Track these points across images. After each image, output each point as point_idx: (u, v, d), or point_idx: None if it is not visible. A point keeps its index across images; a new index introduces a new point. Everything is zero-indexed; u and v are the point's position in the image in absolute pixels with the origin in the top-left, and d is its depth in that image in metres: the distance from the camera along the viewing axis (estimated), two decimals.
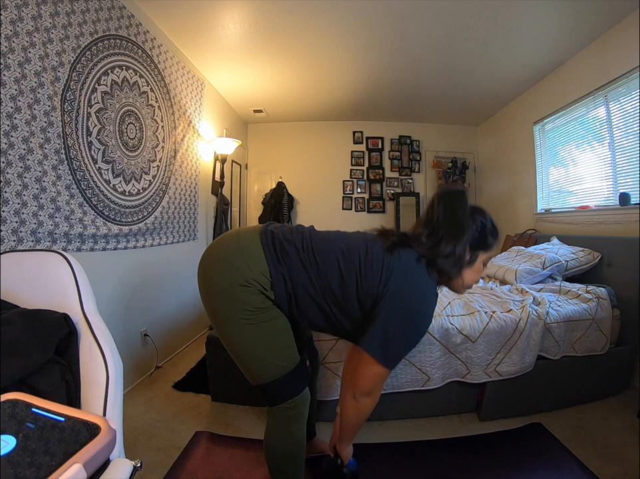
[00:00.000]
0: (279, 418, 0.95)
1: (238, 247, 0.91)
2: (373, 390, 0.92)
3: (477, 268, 0.96)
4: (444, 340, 1.56)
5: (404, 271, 0.89)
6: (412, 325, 0.89)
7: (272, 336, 0.91)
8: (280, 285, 0.89)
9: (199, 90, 2.90)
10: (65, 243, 1.52)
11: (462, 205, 0.92)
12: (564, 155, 2.82)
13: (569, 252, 2.21)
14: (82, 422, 0.47)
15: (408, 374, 1.56)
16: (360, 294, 0.89)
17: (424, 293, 0.89)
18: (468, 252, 0.93)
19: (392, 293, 0.86)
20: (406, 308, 0.87)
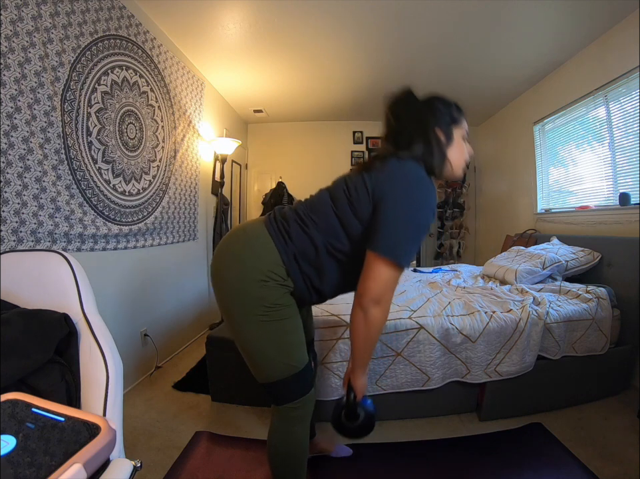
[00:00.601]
0: (283, 418, 0.95)
1: (247, 241, 0.90)
2: (382, 295, 0.84)
3: (458, 145, 0.95)
4: (444, 340, 1.56)
5: (391, 168, 0.87)
6: (414, 212, 0.83)
7: (285, 335, 0.90)
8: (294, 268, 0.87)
9: (199, 90, 2.90)
10: (65, 243, 1.52)
11: (410, 100, 0.94)
12: (564, 155, 2.82)
13: (569, 252, 2.21)
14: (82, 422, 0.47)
15: (408, 374, 1.56)
16: (357, 215, 0.87)
17: (419, 177, 0.86)
18: (441, 133, 0.92)
19: (387, 190, 0.84)
20: (404, 194, 0.83)
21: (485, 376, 1.59)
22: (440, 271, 2.95)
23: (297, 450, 0.97)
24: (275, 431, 0.98)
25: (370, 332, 0.87)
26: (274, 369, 0.90)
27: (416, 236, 0.85)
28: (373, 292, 0.83)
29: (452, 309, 1.70)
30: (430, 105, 0.94)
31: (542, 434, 1.54)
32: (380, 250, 0.81)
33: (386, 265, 0.81)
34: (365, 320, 0.85)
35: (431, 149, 0.90)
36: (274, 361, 0.89)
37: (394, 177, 0.85)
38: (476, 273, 2.76)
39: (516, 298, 1.86)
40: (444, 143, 0.92)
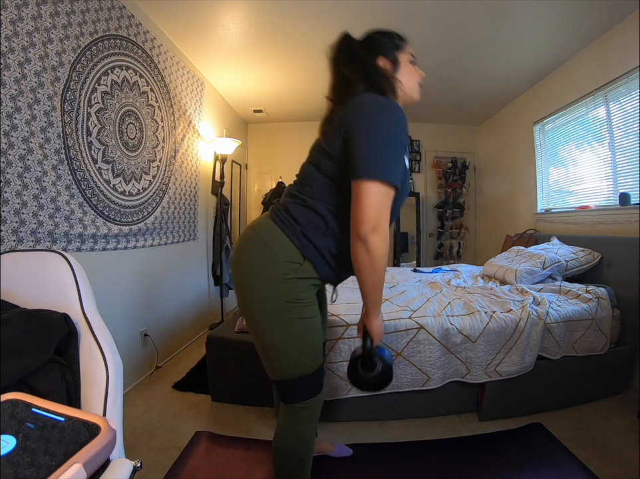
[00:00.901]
0: (292, 417, 0.94)
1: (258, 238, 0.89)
2: (378, 219, 0.79)
3: (406, 68, 0.96)
4: (444, 340, 1.56)
5: (351, 102, 0.87)
6: (384, 129, 0.82)
7: (305, 334, 0.89)
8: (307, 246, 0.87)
9: (199, 90, 2.90)
10: (65, 243, 1.52)
11: (350, 42, 0.95)
12: (564, 155, 2.82)
13: (569, 252, 2.21)
14: (82, 422, 0.47)
15: (408, 374, 1.56)
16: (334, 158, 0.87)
17: (379, 99, 0.86)
18: (386, 61, 0.94)
19: (352, 119, 0.83)
20: (370, 116, 0.82)
21: (485, 376, 1.60)
22: (440, 271, 2.95)
23: (302, 450, 0.96)
24: (282, 430, 0.97)
25: (375, 264, 0.82)
26: (289, 367, 0.89)
27: (393, 151, 0.82)
28: (367, 218, 0.78)
29: (452, 309, 1.70)
30: (370, 39, 0.97)
31: (542, 434, 1.54)
32: (362, 174, 0.79)
33: (372, 186, 0.78)
34: (367, 251, 0.80)
35: (378, 80, 0.91)
36: (290, 359, 0.88)
37: (356, 108, 0.85)
38: (476, 273, 2.76)
39: (516, 298, 1.86)
40: (390, 70, 0.94)
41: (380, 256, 0.82)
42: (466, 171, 4.28)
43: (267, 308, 0.86)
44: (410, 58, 0.97)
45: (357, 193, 0.80)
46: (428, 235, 4.37)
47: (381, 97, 0.87)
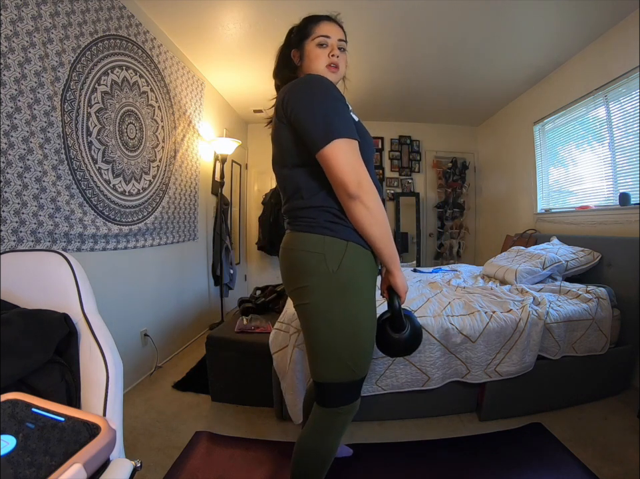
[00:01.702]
0: (325, 420, 0.93)
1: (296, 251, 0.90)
2: (357, 175, 0.79)
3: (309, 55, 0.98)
4: (444, 340, 1.56)
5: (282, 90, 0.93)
6: (315, 94, 0.84)
7: (361, 340, 0.88)
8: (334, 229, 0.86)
9: (199, 90, 2.90)
10: (65, 243, 1.52)
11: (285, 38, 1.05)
12: (564, 155, 2.82)
13: (569, 252, 2.21)
14: (82, 422, 0.47)
15: (408, 374, 1.56)
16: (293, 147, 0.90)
17: (298, 79, 0.91)
18: (295, 53, 1.01)
19: (286, 102, 0.87)
20: (298, 91, 0.86)
21: (485, 376, 1.60)
22: (440, 271, 2.95)
23: (327, 454, 0.95)
24: (312, 430, 0.95)
25: (376, 214, 0.82)
26: (337, 371, 0.88)
27: (332, 110, 0.82)
28: (346, 177, 0.78)
29: (452, 309, 1.70)
30: (288, 33, 1.05)
31: (542, 434, 1.54)
32: (319, 142, 0.79)
33: (332, 148, 0.78)
34: (363, 205, 0.80)
35: (291, 72, 1.00)
36: (340, 363, 0.88)
37: (285, 92, 0.90)
38: (476, 273, 2.76)
39: (516, 298, 1.86)
40: (297, 61, 1.00)
41: (376, 205, 0.82)
42: (466, 171, 4.28)
43: (325, 305, 0.86)
44: (319, 40, 0.97)
45: (325, 163, 0.80)
46: (428, 235, 4.37)
47: (306, 75, 0.93)
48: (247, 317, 1.99)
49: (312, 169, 0.86)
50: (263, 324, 1.91)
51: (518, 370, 1.59)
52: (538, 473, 1.32)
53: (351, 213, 0.82)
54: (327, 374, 0.89)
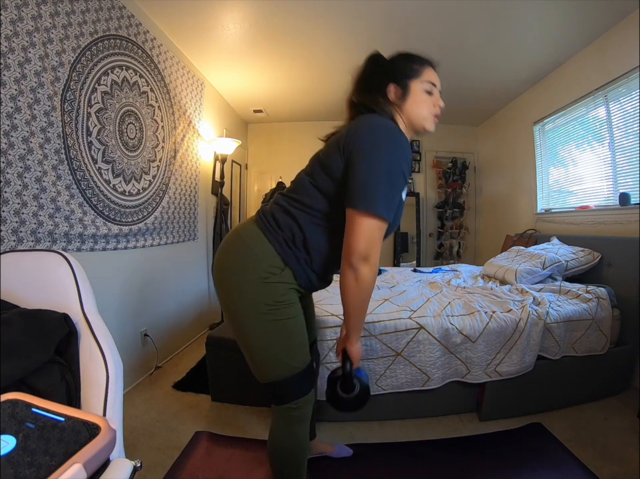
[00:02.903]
0: (284, 418, 0.95)
1: (242, 242, 0.91)
2: (369, 250, 0.81)
3: (417, 98, 0.95)
4: (444, 340, 1.56)
5: (357, 123, 0.89)
6: (385, 159, 0.82)
7: (288, 335, 0.90)
8: (288, 254, 0.88)
9: (199, 90, 2.90)
10: (65, 243, 1.52)
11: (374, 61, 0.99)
12: (564, 155, 2.82)
13: (569, 252, 2.21)
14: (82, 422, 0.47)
15: (408, 374, 1.56)
16: (333, 177, 0.87)
17: (386, 126, 0.86)
18: (395, 88, 0.94)
19: (355, 142, 0.84)
20: (373, 143, 0.83)
21: (485, 376, 1.59)
22: (440, 271, 2.95)
23: (297, 450, 0.97)
24: (275, 431, 0.98)
25: (362, 292, 0.85)
26: (275, 369, 0.90)
27: (391, 184, 0.83)
28: (359, 248, 0.80)
29: (452, 309, 1.70)
30: (389, 62, 0.98)
31: (542, 434, 1.54)
32: (357, 204, 0.80)
33: (367, 217, 0.79)
34: (356, 279, 0.83)
35: (383, 105, 0.92)
36: (276, 361, 0.90)
37: (363, 131, 0.85)
38: (476, 273, 2.76)
39: (516, 298, 1.86)
40: (396, 98, 0.94)
41: (367, 285, 0.85)
42: (466, 171, 4.28)
43: (250, 311, 0.87)
44: (427, 86, 0.97)
45: (351, 222, 0.82)
46: (428, 235, 4.37)
47: (389, 123, 0.87)
48: None
49: (332, 207, 0.88)
50: None
51: (518, 370, 1.59)
52: (538, 473, 1.32)
53: (343, 276, 0.86)
54: (271, 374, 0.91)
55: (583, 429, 1.57)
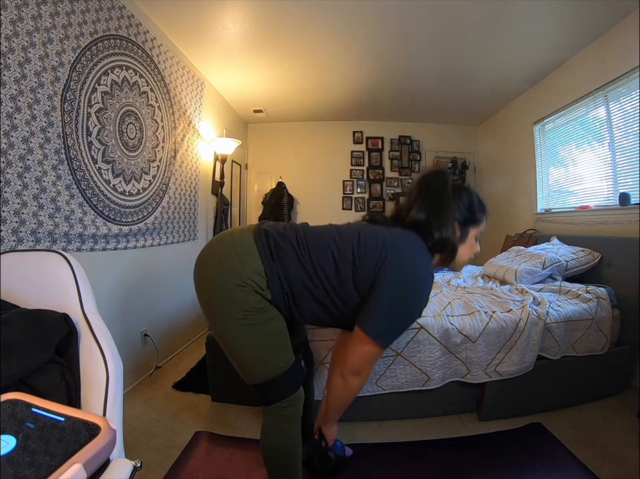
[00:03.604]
0: (273, 417, 0.96)
1: (232, 246, 0.92)
2: (363, 369, 0.93)
3: (470, 244, 1.00)
4: (444, 340, 1.56)
5: (399, 246, 0.90)
6: (409, 304, 0.90)
7: (268, 336, 0.91)
8: (276, 283, 0.89)
9: (199, 90, 2.90)
10: (65, 243, 1.52)
11: (443, 184, 0.97)
12: (564, 155, 2.82)
13: (569, 252, 2.21)
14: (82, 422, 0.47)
15: (408, 374, 1.56)
16: (357, 281, 0.90)
17: (421, 265, 0.91)
18: (458, 229, 0.96)
19: (388, 271, 0.88)
20: (403, 284, 0.88)
21: (485, 376, 1.59)
22: (439, 271, 2.95)
23: (289, 449, 0.98)
24: (266, 431, 0.99)
25: (347, 397, 0.98)
26: (260, 370, 0.91)
27: (405, 326, 0.94)
28: (356, 365, 0.92)
29: (452, 309, 1.70)
30: (460, 198, 0.97)
31: (542, 434, 1.54)
32: (370, 332, 0.88)
33: (372, 345, 0.89)
34: (344, 387, 0.94)
35: (447, 238, 0.93)
36: (259, 362, 0.91)
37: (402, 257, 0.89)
38: (476, 273, 2.76)
39: (516, 298, 1.86)
40: (457, 238, 0.95)
41: (354, 393, 0.97)
42: (466, 171, 4.28)
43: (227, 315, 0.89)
44: (478, 234, 1.01)
45: (357, 340, 0.90)
46: None
47: (427, 260, 0.92)
48: None
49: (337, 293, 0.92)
50: None
51: (518, 370, 1.59)
52: (538, 473, 1.32)
53: (333, 379, 0.98)
54: (257, 376, 0.92)
55: (583, 429, 1.57)
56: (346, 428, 1.59)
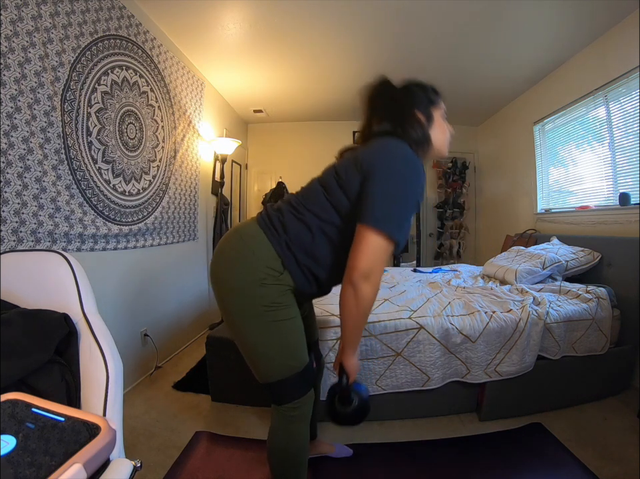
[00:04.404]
0: (283, 417, 0.95)
1: (241, 241, 0.91)
2: (372, 269, 0.81)
3: (439, 124, 0.98)
4: (444, 340, 1.56)
5: (379, 145, 0.89)
6: (403, 186, 0.83)
7: (285, 335, 0.90)
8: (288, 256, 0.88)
9: (199, 90, 2.90)
10: (65, 243, 1.52)
11: (388, 88, 0.98)
12: (564, 155, 2.82)
13: (569, 252, 2.21)
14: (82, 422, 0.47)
15: (408, 374, 1.56)
16: (349, 197, 0.87)
17: (406, 153, 0.87)
18: (421, 115, 0.95)
19: (375, 163, 0.84)
20: (393, 169, 0.84)
21: (485, 376, 1.59)
22: (440, 271, 2.95)
23: (297, 450, 0.97)
24: (274, 431, 0.98)
25: (361, 309, 0.85)
26: (273, 369, 0.90)
27: (405, 210, 0.84)
28: (363, 265, 0.80)
29: (452, 309, 1.70)
30: (407, 90, 0.98)
31: (542, 434, 1.54)
32: (370, 221, 0.80)
33: (376, 236, 0.80)
34: (355, 297, 0.83)
35: (413, 130, 0.92)
36: (274, 361, 0.89)
37: (383, 152, 0.86)
38: (476, 273, 2.76)
39: (516, 298, 1.86)
40: (424, 124, 0.94)
41: (367, 303, 0.85)
42: (466, 171, 4.28)
43: (246, 312, 0.87)
44: (442, 114, 1.00)
45: (359, 238, 0.82)
46: (428, 235, 4.37)
47: (408, 149, 0.88)
48: None
49: (343, 222, 0.87)
50: None
51: (518, 370, 1.59)
52: (538, 473, 1.32)
53: (343, 292, 0.86)
54: (270, 375, 0.91)
55: (583, 429, 1.57)
56: (347, 428, 1.59)
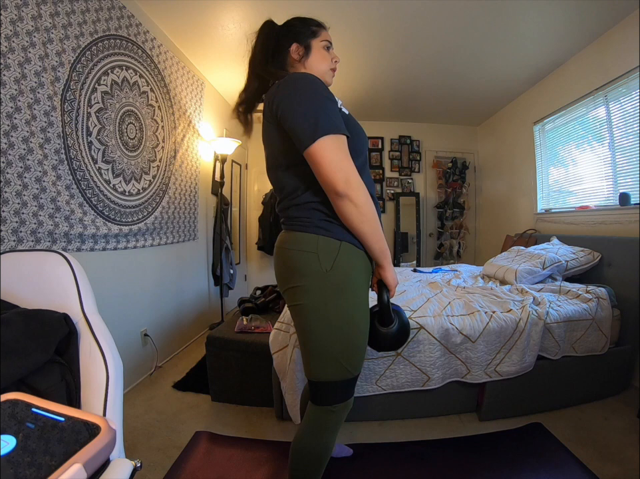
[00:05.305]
0: (319, 418, 0.94)
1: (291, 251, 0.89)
2: (345, 171, 0.77)
3: (317, 54, 1.02)
4: (444, 340, 1.56)
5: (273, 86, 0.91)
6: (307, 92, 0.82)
7: (353, 333, 0.88)
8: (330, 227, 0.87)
9: (199, 90, 2.90)
10: (65, 243, 1.52)
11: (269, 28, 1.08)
12: (564, 155, 2.82)
13: (569, 252, 2.21)
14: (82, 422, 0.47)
15: (408, 374, 1.56)
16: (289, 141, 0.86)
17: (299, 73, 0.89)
18: (298, 47, 1.00)
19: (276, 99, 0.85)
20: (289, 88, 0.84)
21: (485, 376, 1.59)
22: (440, 271, 2.95)
23: (323, 452, 0.95)
24: (306, 429, 0.96)
25: (364, 211, 0.81)
26: (332, 369, 0.88)
27: (319, 107, 0.81)
28: (334, 176, 0.77)
29: (452, 309, 1.70)
30: (286, 25, 1.06)
31: (542, 434, 1.54)
32: (305, 141, 0.78)
33: (319, 146, 0.77)
34: (351, 203, 0.79)
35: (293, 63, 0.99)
36: (333, 361, 0.88)
37: (277, 89, 0.87)
38: (476, 273, 2.76)
39: (516, 298, 1.86)
40: (300, 56, 1.00)
41: (365, 202, 0.81)
42: (466, 171, 4.28)
43: (320, 305, 0.85)
44: (325, 44, 1.04)
45: (312, 161, 0.79)
46: (428, 235, 4.37)
47: (294, 73, 0.91)
48: (247, 317, 1.99)
49: (303, 168, 0.85)
50: (263, 324, 1.91)
51: (518, 370, 1.59)
52: (538, 473, 1.32)
53: (340, 211, 0.82)
54: (322, 374, 0.89)
55: (583, 429, 1.57)
56: (346, 428, 1.59)
